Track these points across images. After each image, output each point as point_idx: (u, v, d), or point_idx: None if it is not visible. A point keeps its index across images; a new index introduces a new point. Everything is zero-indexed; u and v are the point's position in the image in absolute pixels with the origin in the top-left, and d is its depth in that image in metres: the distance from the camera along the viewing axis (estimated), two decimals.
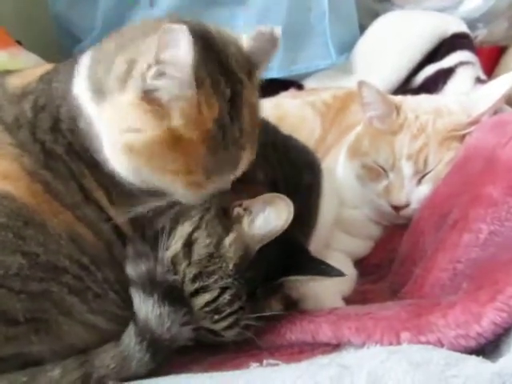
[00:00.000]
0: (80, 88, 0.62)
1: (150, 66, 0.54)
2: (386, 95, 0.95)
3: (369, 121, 0.93)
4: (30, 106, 0.62)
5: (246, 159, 0.62)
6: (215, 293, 0.58)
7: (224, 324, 0.59)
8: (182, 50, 0.51)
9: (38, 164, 0.60)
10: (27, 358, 0.55)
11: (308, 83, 1.44)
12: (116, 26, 0.66)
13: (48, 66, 0.69)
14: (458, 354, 0.47)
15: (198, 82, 0.54)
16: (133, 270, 0.60)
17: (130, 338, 0.58)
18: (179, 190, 0.60)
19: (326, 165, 0.87)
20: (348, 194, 0.96)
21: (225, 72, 0.58)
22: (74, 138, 0.62)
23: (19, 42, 1.37)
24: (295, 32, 1.37)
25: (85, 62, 0.63)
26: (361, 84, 0.90)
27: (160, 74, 0.54)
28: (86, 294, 0.58)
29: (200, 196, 0.62)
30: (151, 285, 0.58)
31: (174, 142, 0.56)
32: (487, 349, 0.50)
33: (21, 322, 0.53)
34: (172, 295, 0.58)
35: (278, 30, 0.62)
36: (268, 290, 0.61)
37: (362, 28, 1.46)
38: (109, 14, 1.46)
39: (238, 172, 0.62)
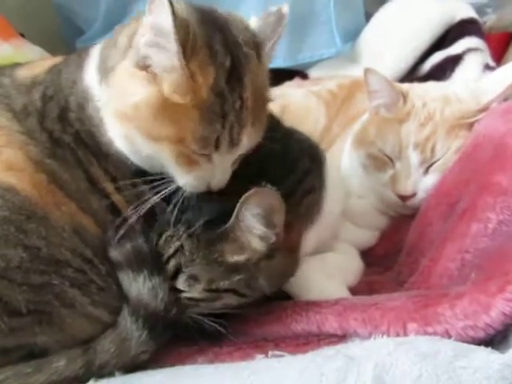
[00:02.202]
0: (90, 74, 0.63)
1: (143, 35, 0.56)
2: (393, 83, 0.93)
3: (375, 109, 0.92)
4: (39, 95, 0.63)
5: (247, 136, 0.59)
6: (155, 239, 0.62)
7: (170, 269, 0.60)
8: (162, 16, 0.53)
9: (45, 153, 0.60)
10: (32, 348, 0.56)
11: (313, 72, 1.43)
12: (119, 16, 0.67)
13: (57, 59, 0.70)
14: (467, 345, 0.47)
15: (192, 51, 0.55)
16: (117, 252, 0.61)
17: (125, 319, 0.59)
18: (171, 162, 0.58)
19: (331, 154, 0.86)
20: (354, 183, 0.95)
21: (228, 44, 0.58)
22: (81, 126, 0.62)
23: (22, 35, 1.37)
24: (300, 20, 1.35)
25: (95, 51, 0.65)
26: (367, 71, 0.89)
27: (151, 42, 0.55)
28: (88, 287, 0.58)
29: (195, 177, 0.59)
30: (139, 260, 0.61)
31: (163, 106, 0.55)
32: (496, 340, 0.50)
33: (24, 313, 0.54)
34: (159, 265, 0.61)
35: (285, 7, 0.64)
36: (208, 233, 0.60)
37: (368, 15, 1.44)
38: (111, 5, 1.45)
39: (239, 150, 0.60)
